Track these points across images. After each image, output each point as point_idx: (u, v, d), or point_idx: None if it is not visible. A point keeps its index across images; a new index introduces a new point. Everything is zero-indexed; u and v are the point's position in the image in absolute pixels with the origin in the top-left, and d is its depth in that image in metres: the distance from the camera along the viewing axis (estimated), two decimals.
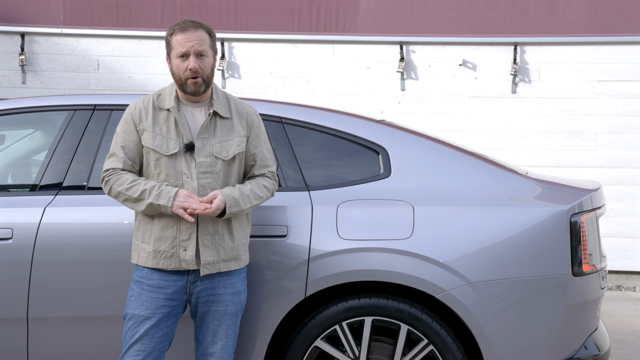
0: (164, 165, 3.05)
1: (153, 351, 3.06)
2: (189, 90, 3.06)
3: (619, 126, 7.92)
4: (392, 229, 3.34)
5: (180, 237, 3.03)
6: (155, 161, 3.06)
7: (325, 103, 7.97)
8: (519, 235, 3.32)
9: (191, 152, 3.04)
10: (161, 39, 8.18)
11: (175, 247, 3.03)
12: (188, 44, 3.03)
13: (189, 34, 3.04)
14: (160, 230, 3.04)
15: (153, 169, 3.07)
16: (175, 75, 3.08)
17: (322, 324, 3.36)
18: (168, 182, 3.04)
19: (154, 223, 3.06)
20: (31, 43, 8.24)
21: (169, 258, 3.04)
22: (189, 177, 3.03)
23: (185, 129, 3.06)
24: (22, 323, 3.42)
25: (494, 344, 3.26)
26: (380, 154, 3.53)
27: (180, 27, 3.06)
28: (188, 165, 3.04)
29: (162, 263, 3.04)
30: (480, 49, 8.05)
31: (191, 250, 3.02)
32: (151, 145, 3.05)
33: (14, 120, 3.86)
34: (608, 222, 7.81)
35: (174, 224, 3.03)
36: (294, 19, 8.13)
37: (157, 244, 3.05)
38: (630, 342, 5.63)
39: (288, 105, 3.71)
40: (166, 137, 3.06)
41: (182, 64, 3.04)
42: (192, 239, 3.02)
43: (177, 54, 3.04)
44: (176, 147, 3.05)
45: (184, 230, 3.03)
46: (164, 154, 3.05)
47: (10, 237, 3.43)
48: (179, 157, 3.05)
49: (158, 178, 3.06)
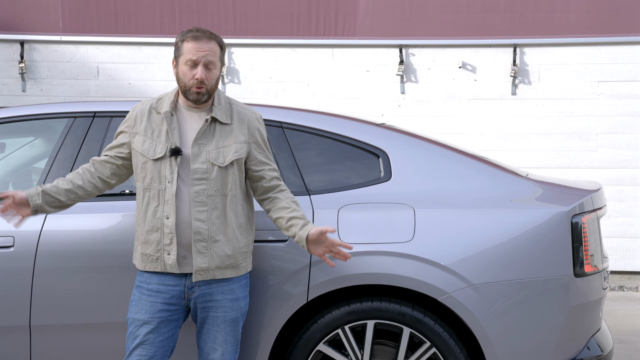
0: (149, 169, 3.06)
1: (154, 356, 3.06)
2: (191, 98, 3.07)
3: (620, 126, 7.92)
4: (393, 232, 3.34)
5: (163, 242, 3.04)
6: (142, 164, 3.08)
7: (325, 107, 7.97)
8: (520, 236, 3.32)
9: (176, 157, 3.04)
10: (160, 45, 8.20)
11: (160, 252, 3.05)
12: (200, 53, 3.02)
13: (202, 43, 3.04)
14: (146, 234, 3.07)
15: (140, 172, 3.09)
16: (180, 81, 3.08)
17: (324, 328, 3.36)
18: (152, 187, 3.06)
19: (141, 226, 3.09)
20: (31, 51, 8.25)
21: (154, 262, 3.07)
22: (170, 182, 3.03)
23: (174, 133, 3.06)
24: (24, 331, 3.42)
25: (496, 346, 3.26)
26: (381, 157, 3.53)
27: (193, 36, 3.05)
28: (172, 170, 3.04)
29: (149, 266, 3.08)
30: (480, 51, 8.05)
31: (174, 254, 3.03)
32: (139, 149, 3.08)
33: (14, 128, 3.87)
34: (609, 223, 7.81)
35: (157, 229, 3.05)
36: (293, 24, 8.14)
37: (144, 247, 3.08)
38: (633, 343, 5.62)
39: (288, 110, 3.71)
40: (155, 141, 3.07)
41: (189, 72, 3.04)
42: (173, 244, 3.03)
43: (185, 61, 3.04)
44: (163, 151, 3.05)
45: (166, 234, 3.04)
46: (149, 157, 3.06)
47: (11, 245, 3.43)
48: (163, 161, 3.05)
49: (143, 182, 3.08)
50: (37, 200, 3.10)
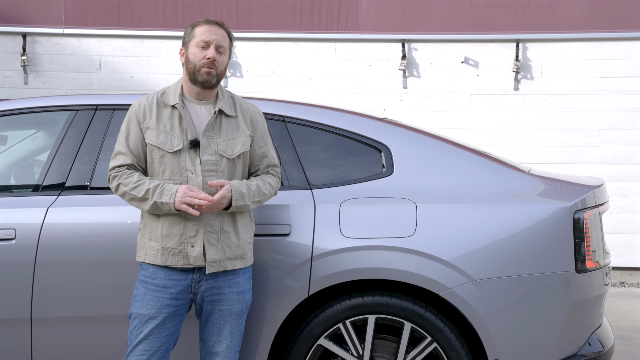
0: (168, 162, 3.05)
1: (158, 350, 3.07)
2: (200, 79, 3.06)
3: (622, 122, 7.91)
4: (394, 227, 3.34)
5: (187, 234, 3.03)
6: (159, 158, 3.07)
7: (327, 101, 7.97)
8: (522, 232, 3.32)
9: (196, 149, 3.05)
10: (163, 38, 8.19)
11: (183, 244, 3.04)
12: (212, 36, 3.09)
13: (214, 28, 3.12)
14: (168, 227, 3.05)
15: (157, 166, 3.07)
16: (189, 64, 3.09)
17: (325, 323, 3.36)
18: (172, 179, 3.04)
19: (160, 220, 3.06)
20: (33, 43, 8.25)
21: (176, 255, 3.04)
22: (193, 173, 3.04)
23: (189, 125, 3.07)
24: (25, 323, 3.42)
25: (497, 341, 3.26)
26: (383, 152, 3.53)
27: (205, 21, 3.14)
28: (192, 161, 3.05)
29: (170, 260, 3.05)
30: (483, 46, 8.04)
31: (199, 246, 3.03)
32: (155, 143, 3.06)
33: (16, 121, 3.87)
34: (611, 219, 7.80)
35: (180, 221, 3.04)
36: (296, 18, 8.12)
37: (165, 241, 3.05)
38: (634, 339, 5.63)
39: (290, 104, 3.71)
40: (170, 134, 3.06)
41: (200, 53, 3.07)
42: (199, 235, 3.03)
43: (197, 43, 3.08)
44: (180, 143, 3.05)
45: (191, 226, 3.03)
46: (168, 150, 3.05)
47: (13, 238, 3.43)
48: (183, 153, 3.05)
49: (163, 175, 3.06)
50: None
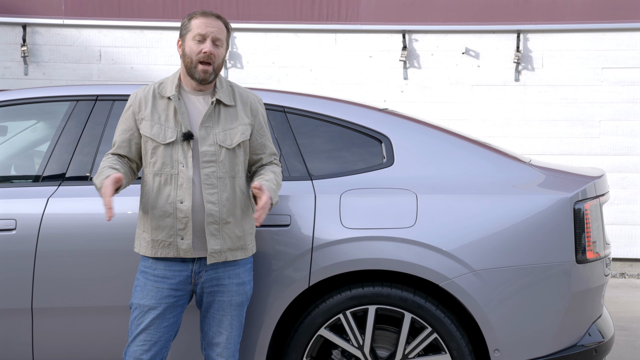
0: (161, 154, 3.05)
1: (159, 341, 3.07)
2: (197, 77, 3.06)
3: (623, 113, 7.90)
4: (395, 217, 3.34)
5: (177, 226, 3.03)
6: (152, 149, 3.06)
7: (327, 92, 7.96)
8: (522, 222, 3.32)
9: (188, 142, 3.04)
10: (163, 29, 8.18)
11: (173, 236, 3.03)
12: (209, 28, 3.05)
13: (211, 20, 3.08)
14: (158, 219, 3.04)
15: (150, 157, 3.07)
16: (186, 58, 3.07)
17: (325, 313, 3.37)
18: (163, 171, 3.04)
19: (150, 212, 3.06)
20: (33, 34, 8.24)
21: (166, 247, 3.04)
22: (184, 166, 3.03)
23: (184, 117, 3.05)
24: (26, 313, 3.43)
25: (497, 331, 3.26)
26: (383, 142, 3.53)
27: (202, 13, 3.10)
28: (185, 154, 3.03)
29: (160, 252, 3.05)
30: (483, 37, 8.02)
31: (188, 238, 3.02)
32: (148, 134, 3.06)
33: (16, 111, 3.86)
34: (612, 210, 7.81)
35: (170, 213, 3.03)
36: (296, 8, 8.10)
37: (155, 233, 3.05)
38: (634, 329, 5.63)
39: (290, 95, 3.70)
40: (164, 125, 3.06)
41: (196, 47, 3.04)
42: (188, 228, 3.02)
43: (194, 36, 3.05)
44: (173, 135, 3.04)
45: (181, 219, 3.02)
46: (160, 142, 3.04)
47: (13, 228, 3.44)
48: (175, 145, 3.04)
49: (154, 167, 3.06)
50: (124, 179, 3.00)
